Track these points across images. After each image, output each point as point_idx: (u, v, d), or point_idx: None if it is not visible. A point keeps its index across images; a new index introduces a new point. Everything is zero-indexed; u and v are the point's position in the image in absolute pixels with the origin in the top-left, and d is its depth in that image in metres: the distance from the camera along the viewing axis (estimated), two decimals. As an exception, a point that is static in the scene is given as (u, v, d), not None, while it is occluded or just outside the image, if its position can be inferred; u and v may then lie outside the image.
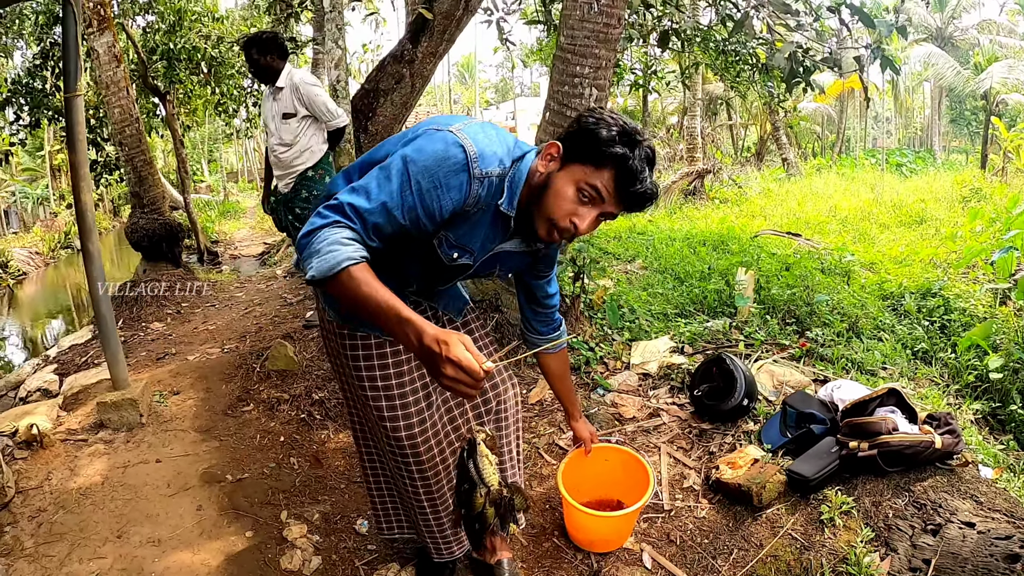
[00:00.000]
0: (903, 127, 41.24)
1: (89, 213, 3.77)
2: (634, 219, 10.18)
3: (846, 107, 30.39)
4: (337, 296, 1.42)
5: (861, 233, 8.89)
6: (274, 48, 4.46)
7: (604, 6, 3.65)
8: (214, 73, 10.01)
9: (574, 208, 1.57)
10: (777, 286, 5.25)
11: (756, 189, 14.87)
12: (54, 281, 16.78)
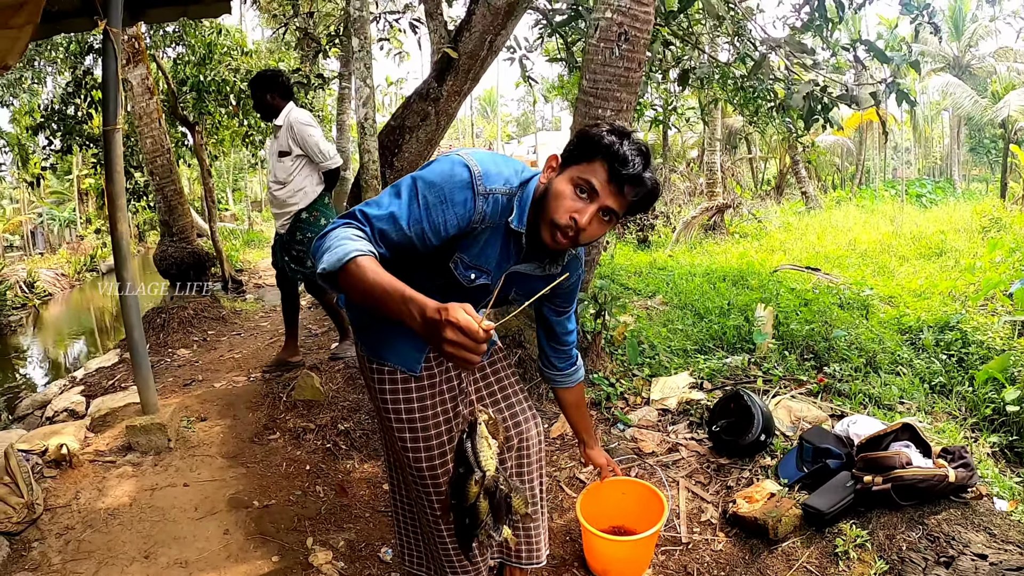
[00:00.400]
0: (922, 157, 41.09)
1: (124, 242, 3.88)
2: (655, 254, 10.25)
3: (865, 138, 30.39)
4: (347, 289, 1.45)
5: (880, 266, 8.85)
6: (276, 87, 4.56)
7: (625, 51, 3.76)
8: (242, 105, 10.23)
9: (572, 205, 1.61)
10: (796, 322, 5.27)
11: (776, 223, 14.83)
12: (79, 303, 17.01)
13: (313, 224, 4.61)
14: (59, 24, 4.48)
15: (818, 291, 6.48)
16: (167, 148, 7.80)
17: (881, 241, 11.13)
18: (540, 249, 1.77)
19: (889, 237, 11.50)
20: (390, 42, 9.24)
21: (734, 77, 6.71)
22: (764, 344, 4.87)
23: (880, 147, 31.99)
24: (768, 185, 27.88)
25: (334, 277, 1.45)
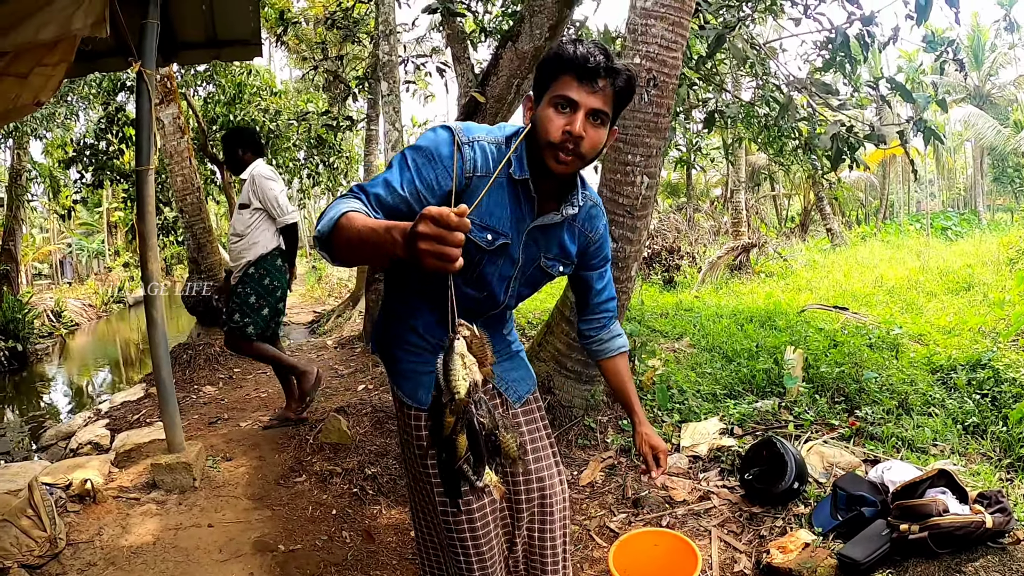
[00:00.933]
0: (946, 189, 40.82)
1: (155, 281, 3.92)
2: (681, 295, 10.19)
3: (888, 172, 30.26)
4: (343, 246, 1.42)
5: (908, 303, 8.72)
6: (249, 143, 4.65)
7: (654, 96, 3.77)
8: (271, 145, 10.41)
9: (559, 121, 1.60)
10: (825, 364, 5.19)
11: (801, 261, 14.70)
12: (105, 334, 17.17)
13: (257, 282, 4.57)
14: (93, 63, 4.59)
15: (847, 331, 6.39)
16: (197, 187, 7.94)
17: (908, 277, 10.97)
18: (551, 191, 1.77)
19: (916, 273, 11.34)
20: (416, 84, 9.39)
21: (758, 116, 6.71)
22: (794, 388, 4.80)
23: (904, 180, 31.84)
24: (792, 222, 27.78)
25: (330, 241, 1.44)
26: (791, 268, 13.88)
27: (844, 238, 20.01)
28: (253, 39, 4.59)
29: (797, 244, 18.85)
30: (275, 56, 24.22)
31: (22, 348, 12.01)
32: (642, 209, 3.98)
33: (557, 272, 1.90)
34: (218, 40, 4.52)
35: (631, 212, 3.96)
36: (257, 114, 10.06)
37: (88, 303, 19.67)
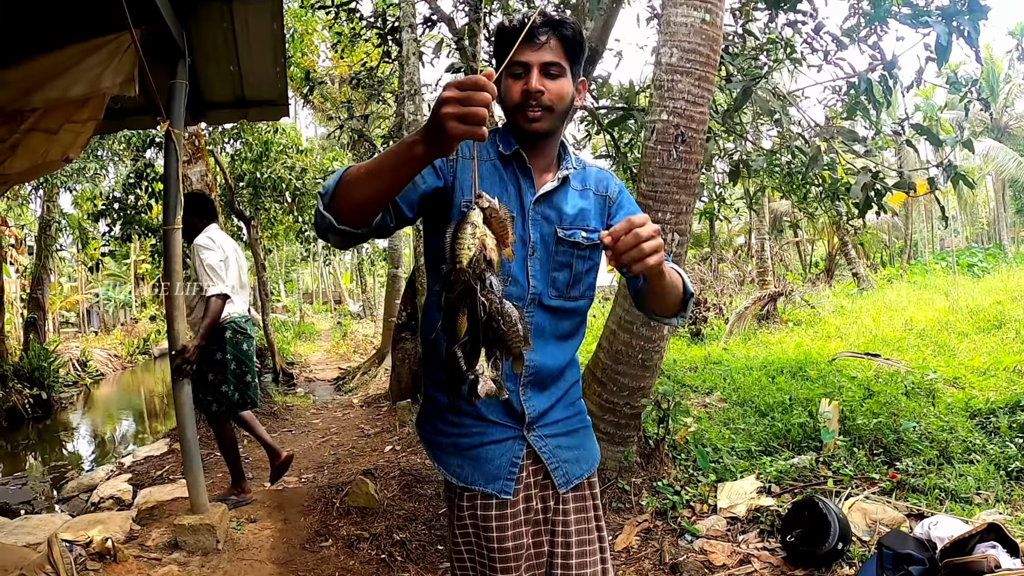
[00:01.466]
0: (969, 224, 40.39)
1: (181, 340, 3.91)
2: (709, 348, 10.12)
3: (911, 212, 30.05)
4: (352, 194, 1.40)
5: (940, 345, 8.63)
6: (204, 211, 4.52)
7: (683, 152, 3.75)
8: (297, 202, 10.55)
9: (517, 85, 1.64)
10: (861, 415, 5.08)
11: (829, 308, 14.58)
12: (130, 386, 17.27)
13: (208, 357, 4.43)
14: (122, 120, 4.69)
15: (881, 379, 6.30)
16: (223, 244, 8.01)
17: (938, 318, 10.86)
18: (545, 165, 1.76)
19: (945, 313, 11.23)
20: None
21: (781, 164, 6.69)
22: (831, 442, 4.68)
23: (927, 219, 31.61)
24: (817, 268, 27.61)
25: (335, 195, 1.42)
26: (819, 315, 13.77)
27: (871, 282, 19.82)
28: (280, 100, 4.66)
29: (824, 290, 18.70)
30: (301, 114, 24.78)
31: (47, 396, 12.11)
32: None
33: (581, 238, 1.74)
34: (246, 100, 4.60)
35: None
36: (283, 172, 10.22)
37: (114, 353, 19.87)
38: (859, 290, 18.53)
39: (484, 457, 1.72)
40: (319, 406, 7.88)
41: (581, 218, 1.76)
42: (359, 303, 31.97)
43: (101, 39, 3.29)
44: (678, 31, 3.74)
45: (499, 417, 1.71)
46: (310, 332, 22.06)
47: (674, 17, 3.75)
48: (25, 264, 18.81)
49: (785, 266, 21.80)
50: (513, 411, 1.72)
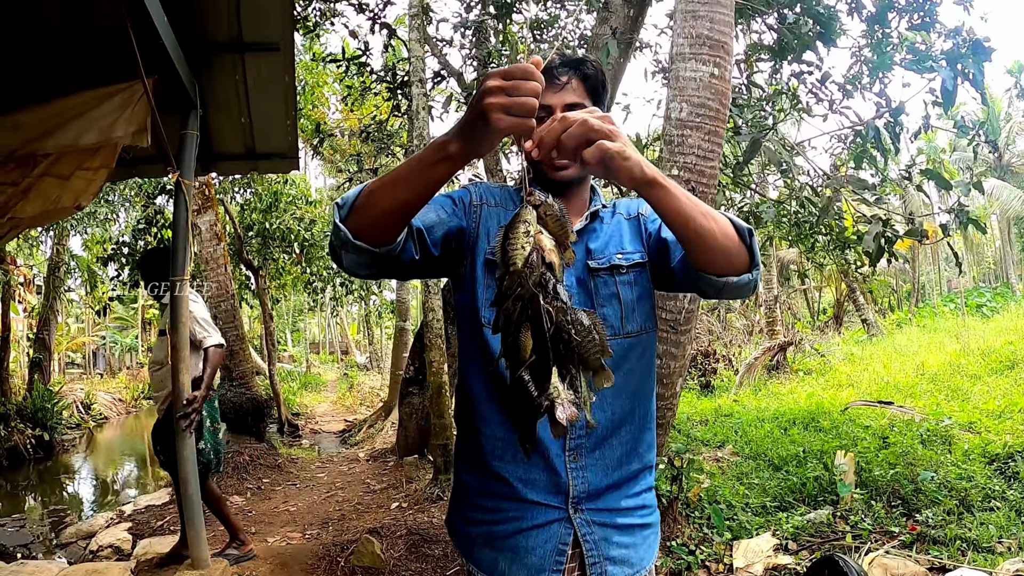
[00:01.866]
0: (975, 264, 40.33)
1: (185, 392, 3.85)
2: (719, 400, 10.06)
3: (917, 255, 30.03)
4: (370, 206, 1.24)
5: (953, 389, 8.60)
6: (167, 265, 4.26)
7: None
8: (305, 253, 10.62)
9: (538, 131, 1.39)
10: (878, 466, 5.01)
11: (839, 356, 14.51)
12: (133, 430, 17.15)
13: None
14: (133, 168, 4.70)
15: (896, 428, 6.23)
16: (231, 294, 8.10)
17: (949, 362, 10.81)
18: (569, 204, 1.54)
19: (957, 356, 11.19)
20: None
21: (789, 214, 6.70)
22: (848, 495, 4.60)
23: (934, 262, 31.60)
24: (825, 315, 27.52)
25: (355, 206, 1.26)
26: (829, 364, 13.68)
27: (880, 328, 19.73)
28: (290, 153, 4.67)
29: (833, 338, 18.63)
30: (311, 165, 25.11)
31: (49, 437, 12.03)
32: (685, 323, 3.90)
33: (618, 260, 1.55)
34: (256, 152, 4.61)
35: (675, 327, 3.88)
36: (292, 223, 10.31)
37: (118, 397, 19.84)
38: (868, 336, 18.44)
39: (523, 547, 1.46)
40: (324, 459, 7.82)
41: (613, 243, 1.59)
42: (366, 355, 31.84)
43: (114, 87, 3.31)
44: (687, 86, 3.76)
45: (540, 495, 1.46)
46: (316, 383, 21.96)
47: (683, 72, 3.77)
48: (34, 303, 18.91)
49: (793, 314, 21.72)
50: (557, 484, 1.46)
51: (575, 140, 1.12)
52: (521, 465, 1.45)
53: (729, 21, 3.84)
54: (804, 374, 13.03)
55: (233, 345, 8.19)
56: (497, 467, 1.47)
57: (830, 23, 6.00)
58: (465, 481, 1.57)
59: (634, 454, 1.52)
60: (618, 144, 1.12)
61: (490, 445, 1.49)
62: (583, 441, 1.45)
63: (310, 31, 8.00)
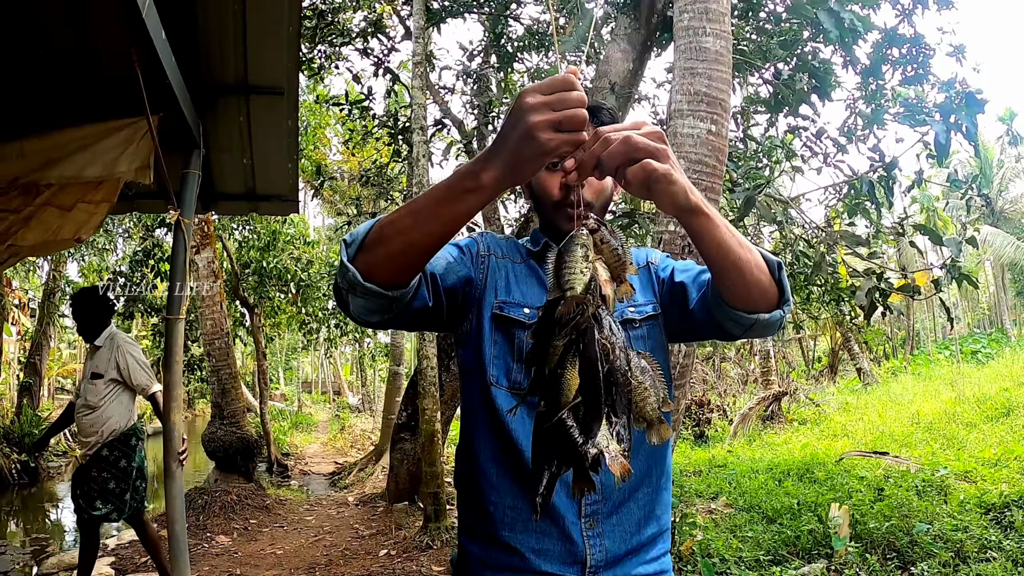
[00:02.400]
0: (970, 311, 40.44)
1: (176, 433, 3.80)
2: (713, 450, 10.05)
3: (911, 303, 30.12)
4: (383, 242, 1.13)
5: (948, 438, 8.60)
6: (107, 308, 4.39)
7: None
8: (301, 294, 10.66)
9: (555, 179, 1.43)
10: (872, 518, 4.98)
11: (834, 405, 14.52)
12: (120, 461, 16.95)
13: (112, 464, 4.25)
14: (133, 203, 4.72)
15: (891, 478, 6.22)
16: (226, 331, 8.11)
17: (944, 410, 10.82)
18: None
19: (952, 404, 11.21)
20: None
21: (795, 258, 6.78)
22: (843, 549, 4.56)
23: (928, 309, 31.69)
24: (820, 363, 27.51)
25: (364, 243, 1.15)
26: (824, 413, 13.65)
27: (874, 376, 19.72)
28: (291, 196, 4.71)
29: (828, 387, 18.60)
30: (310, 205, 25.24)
31: (34, 464, 11.91)
32: (680, 378, 3.90)
33: (630, 314, 1.46)
34: (257, 193, 4.64)
35: (669, 382, 3.86)
36: (290, 263, 10.37)
37: (106, 427, 19.56)
38: (863, 385, 18.42)
39: None
40: (313, 501, 7.73)
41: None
42: (358, 396, 31.55)
43: (120, 122, 3.32)
44: (684, 142, 3.81)
45: (555, 566, 1.35)
46: (307, 423, 21.77)
47: (680, 128, 3.83)
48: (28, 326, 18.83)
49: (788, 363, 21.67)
50: (574, 554, 1.34)
51: (617, 159, 1.02)
52: (534, 535, 1.35)
53: (727, 79, 3.90)
54: (799, 424, 12.98)
55: (226, 383, 8.17)
56: (507, 537, 1.37)
57: (825, 77, 6.13)
58: (470, 552, 1.45)
59: (652, 517, 1.43)
60: (665, 166, 1.03)
61: (499, 514, 1.38)
62: (599, 506, 1.36)
63: (315, 73, 8.13)
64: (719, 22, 3.90)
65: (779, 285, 1.26)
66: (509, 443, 1.37)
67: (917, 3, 6.48)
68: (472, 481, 1.44)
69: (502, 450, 1.38)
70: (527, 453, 1.29)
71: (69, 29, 3.24)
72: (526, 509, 1.35)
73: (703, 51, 3.86)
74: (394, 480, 7.39)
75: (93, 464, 4.25)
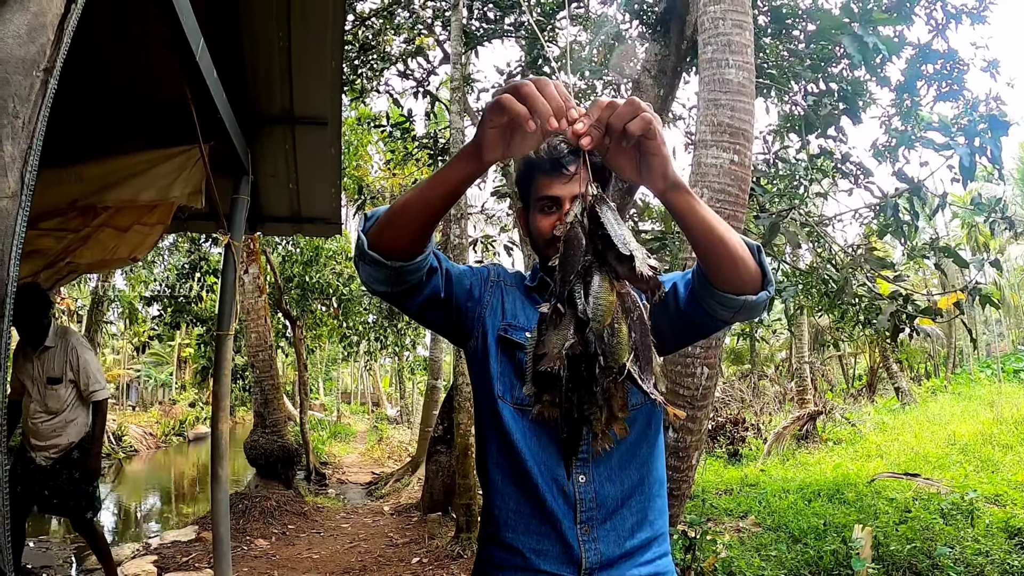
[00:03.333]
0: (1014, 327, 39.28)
1: (223, 440, 3.99)
2: (746, 469, 10.03)
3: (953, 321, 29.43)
4: (395, 217, 1.32)
5: (983, 460, 8.49)
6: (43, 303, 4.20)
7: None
8: (342, 307, 10.90)
9: (548, 220, 1.54)
10: (896, 540, 4.99)
11: (870, 425, 14.30)
12: (162, 465, 17.36)
13: (81, 465, 4.30)
14: (185, 223, 4.97)
15: (919, 501, 6.18)
16: (270, 344, 8.34)
17: (981, 431, 10.66)
18: None
19: (989, 425, 11.01)
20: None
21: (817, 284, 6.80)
22: (863, 571, 4.59)
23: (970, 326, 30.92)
24: (860, 381, 27.04)
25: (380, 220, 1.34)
26: (860, 433, 13.47)
27: (913, 396, 19.35)
28: (333, 219, 4.92)
29: (865, 406, 18.32)
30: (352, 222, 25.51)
31: None
32: (702, 400, 3.98)
33: None
34: (301, 216, 4.86)
35: (692, 403, 3.97)
36: (331, 277, 10.64)
37: (149, 431, 20.10)
38: (901, 405, 18.09)
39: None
40: (349, 509, 7.90)
41: None
42: (396, 408, 31.78)
43: (173, 149, 3.53)
44: (708, 172, 3.91)
45: (553, 566, 1.47)
46: (346, 433, 22.07)
47: (704, 159, 3.93)
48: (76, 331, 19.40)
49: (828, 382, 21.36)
50: (570, 556, 1.46)
51: (624, 118, 1.10)
52: (534, 536, 1.48)
53: (750, 109, 3.99)
54: (834, 444, 12.85)
55: (268, 394, 8.42)
56: (510, 538, 1.50)
57: (855, 98, 6.14)
58: (481, 554, 1.59)
59: (645, 522, 1.53)
60: (661, 129, 1.12)
61: (503, 516, 1.52)
62: (594, 513, 1.47)
63: (357, 96, 8.35)
64: (742, 54, 4.00)
65: (761, 267, 1.36)
66: (513, 452, 1.51)
67: (950, 18, 6.49)
68: (483, 487, 1.60)
69: (507, 458, 1.52)
70: (529, 462, 1.48)
71: (128, 67, 3.49)
72: (527, 513, 1.49)
73: (726, 83, 3.96)
74: (429, 491, 7.56)
75: (64, 467, 4.25)
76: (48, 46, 1.29)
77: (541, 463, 1.49)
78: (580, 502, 1.46)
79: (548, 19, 7.25)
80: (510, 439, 1.51)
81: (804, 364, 15.98)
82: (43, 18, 1.27)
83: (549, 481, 1.47)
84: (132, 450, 17.27)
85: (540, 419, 1.07)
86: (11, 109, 1.20)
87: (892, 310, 5.06)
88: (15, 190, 1.21)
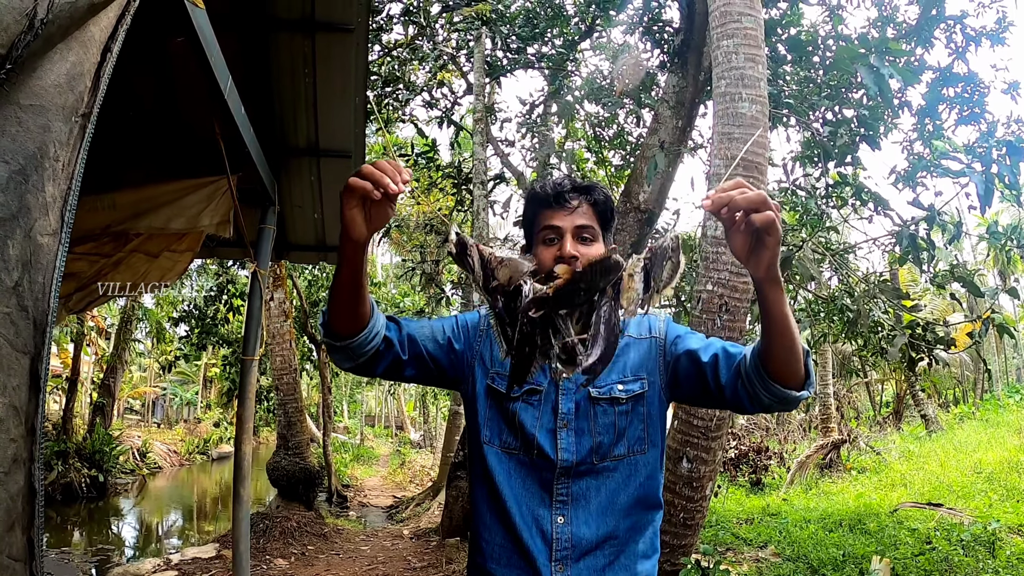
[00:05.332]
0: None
1: (246, 462, 4.10)
2: (768, 498, 9.93)
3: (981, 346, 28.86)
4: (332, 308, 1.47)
5: (1009, 489, 8.36)
6: None
7: (726, 321, 3.92)
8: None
9: (549, 253, 1.59)
10: (914, 571, 4.95)
11: (895, 453, 14.10)
12: (185, 483, 17.53)
13: None
14: (213, 250, 5.10)
15: (940, 531, 6.10)
16: (294, 368, 8.47)
17: (1008, 459, 10.46)
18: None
19: (1016, 452, 10.80)
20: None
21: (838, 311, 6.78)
22: (880, 601, 4.57)
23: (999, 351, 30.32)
24: (887, 408, 26.62)
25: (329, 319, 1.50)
26: (885, 461, 13.30)
27: (940, 423, 19.00)
28: (358, 247, 5.02)
29: (891, 434, 18.03)
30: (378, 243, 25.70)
31: (103, 479, 12.58)
32: (716, 430, 4.01)
33: (618, 392, 1.61)
34: (326, 245, 4.99)
35: (706, 434, 4.00)
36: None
37: (173, 449, 20.33)
38: (928, 432, 17.78)
39: None
40: (369, 532, 7.94)
41: (616, 370, 1.63)
42: (420, 432, 31.84)
43: (203, 180, 3.67)
44: (723, 205, 3.96)
45: None
46: (368, 456, 22.16)
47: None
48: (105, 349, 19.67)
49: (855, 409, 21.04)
50: None
51: (753, 204, 1.21)
52: (515, 571, 1.58)
53: (763, 143, 4.05)
54: (858, 472, 12.72)
55: (292, 416, 8.52)
56: (493, 569, 1.62)
57: (874, 124, 6.15)
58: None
59: (619, 564, 1.58)
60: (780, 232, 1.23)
61: (489, 549, 1.63)
62: (568, 553, 1.55)
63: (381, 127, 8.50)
64: (755, 87, 4.05)
65: (806, 368, 1.42)
66: (496, 492, 1.62)
67: (970, 40, 6.51)
68: (472, 519, 1.71)
69: (491, 496, 1.64)
70: (510, 502, 1.60)
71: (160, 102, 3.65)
72: (510, 548, 1.60)
73: (739, 116, 4.02)
74: (448, 516, 7.60)
75: None
76: (86, 93, 1.40)
77: (523, 503, 1.59)
78: (556, 541, 1.55)
79: (569, 50, 7.37)
80: (494, 480, 1.62)
81: (828, 389, 15.80)
82: (81, 67, 1.38)
83: (529, 521, 1.58)
84: (156, 467, 17.47)
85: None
86: (52, 153, 1.31)
87: (904, 342, 5.05)
88: (55, 228, 1.32)
